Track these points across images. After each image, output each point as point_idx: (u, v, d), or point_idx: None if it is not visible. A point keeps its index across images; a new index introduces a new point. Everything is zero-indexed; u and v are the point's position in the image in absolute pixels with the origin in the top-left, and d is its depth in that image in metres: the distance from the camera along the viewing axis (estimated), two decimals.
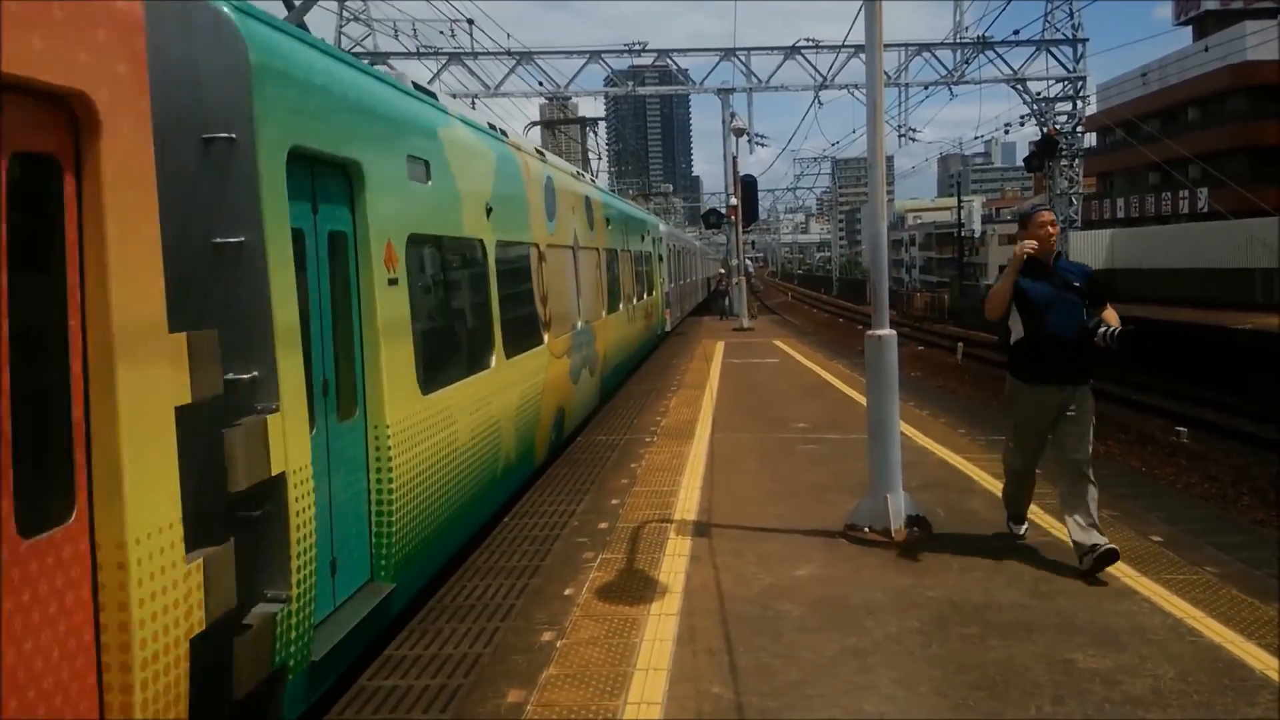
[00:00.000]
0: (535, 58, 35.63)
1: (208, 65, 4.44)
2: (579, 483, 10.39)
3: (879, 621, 6.20)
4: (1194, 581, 6.73)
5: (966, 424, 13.22)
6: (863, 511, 8.12)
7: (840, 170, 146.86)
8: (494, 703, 5.25)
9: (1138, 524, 8.13)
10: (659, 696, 5.23)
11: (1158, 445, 19.37)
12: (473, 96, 35.56)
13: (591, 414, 14.85)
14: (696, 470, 10.78)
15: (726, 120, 38.23)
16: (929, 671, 5.43)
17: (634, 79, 41.56)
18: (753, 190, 37.89)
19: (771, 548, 7.84)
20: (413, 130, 7.41)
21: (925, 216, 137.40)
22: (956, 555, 7.48)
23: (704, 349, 26.07)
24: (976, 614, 6.27)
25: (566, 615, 6.50)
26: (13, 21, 3.24)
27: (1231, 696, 5.03)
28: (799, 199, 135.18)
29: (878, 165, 8.21)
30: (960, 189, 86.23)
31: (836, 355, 23.93)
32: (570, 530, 8.55)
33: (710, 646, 5.89)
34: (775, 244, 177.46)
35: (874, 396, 8.22)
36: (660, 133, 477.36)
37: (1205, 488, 15.85)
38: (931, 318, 60.98)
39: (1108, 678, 5.29)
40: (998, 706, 5.00)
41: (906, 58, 36.62)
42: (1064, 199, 38.22)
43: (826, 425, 13.39)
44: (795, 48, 36.40)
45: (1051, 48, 35.90)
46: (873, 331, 8.21)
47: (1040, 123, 36.98)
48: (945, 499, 9.09)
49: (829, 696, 5.18)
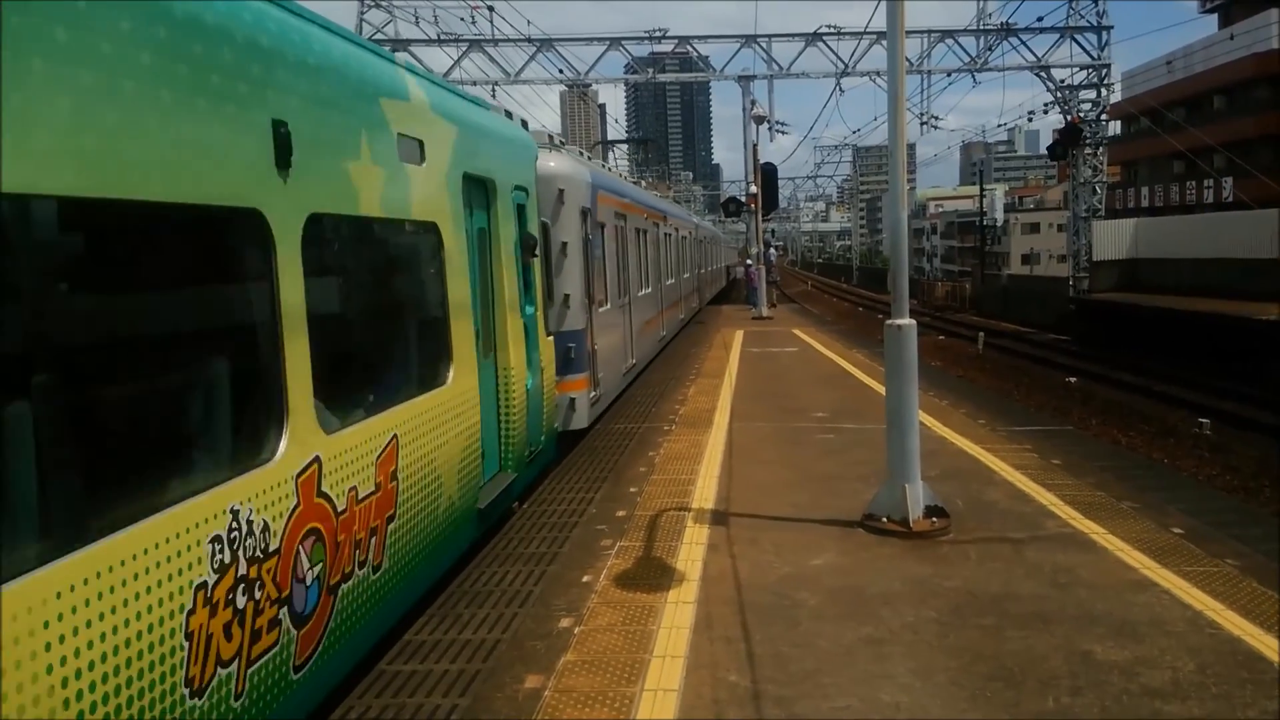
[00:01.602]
0: (555, 44, 35.57)
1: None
2: (598, 470, 10.42)
3: (896, 611, 6.20)
4: (1214, 574, 6.70)
5: (986, 414, 13.17)
6: (881, 501, 8.11)
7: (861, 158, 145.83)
8: (512, 688, 5.29)
9: (1159, 516, 8.09)
10: (676, 684, 5.25)
11: (1180, 437, 19.23)
12: (493, 83, 35.54)
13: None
14: (714, 459, 10.78)
15: (747, 107, 38.07)
16: (945, 661, 5.43)
17: (654, 66, 41.35)
18: (773, 178, 37.73)
19: (789, 537, 7.85)
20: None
21: (947, 205, 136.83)
22: (975, 546, 7.46)
23: (723, 337, 26.04)
24: (994, 604, 6.26)
25: (585, 602, 6.53)
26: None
27: (1250, 689, 5.01)
28: (819, 187, 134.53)
29: (899, 153, 8.17)
30: (982, 177, 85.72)
31: (856, 344, 23.86)
32: (589, 518, 8.59)
33: (727, 634, 5.91)
34: (795, 232, 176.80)
35: (893, 386, 8.20)
36: (680, 120, 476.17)
37: (1227, 480, 15.74)
38: (953, 307, 60.70)
39: (1126, 669, 5.28)
40: (1014, 697, 4.99)
41: (929, 44, 36.29)
42: (1088, 187, 37.82)
43: (845, 414, 13.37)
44: (817, 34, 36.08)
45: (1076, 35, 35.47)
46: (892, 321, 8.18)
47: (1064, 111, 36.56)
48: (964, 489, 9.06)
49: (845, 685, 5.19)
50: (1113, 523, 7.90)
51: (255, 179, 4.60)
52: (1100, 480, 9.31)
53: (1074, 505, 8.44)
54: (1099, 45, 35.97)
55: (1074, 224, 39.58)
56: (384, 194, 6.14)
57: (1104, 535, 7.59)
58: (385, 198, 6.17)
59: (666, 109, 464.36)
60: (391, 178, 6.27)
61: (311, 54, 5.25)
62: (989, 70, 36.24)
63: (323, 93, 5.34)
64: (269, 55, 4.76)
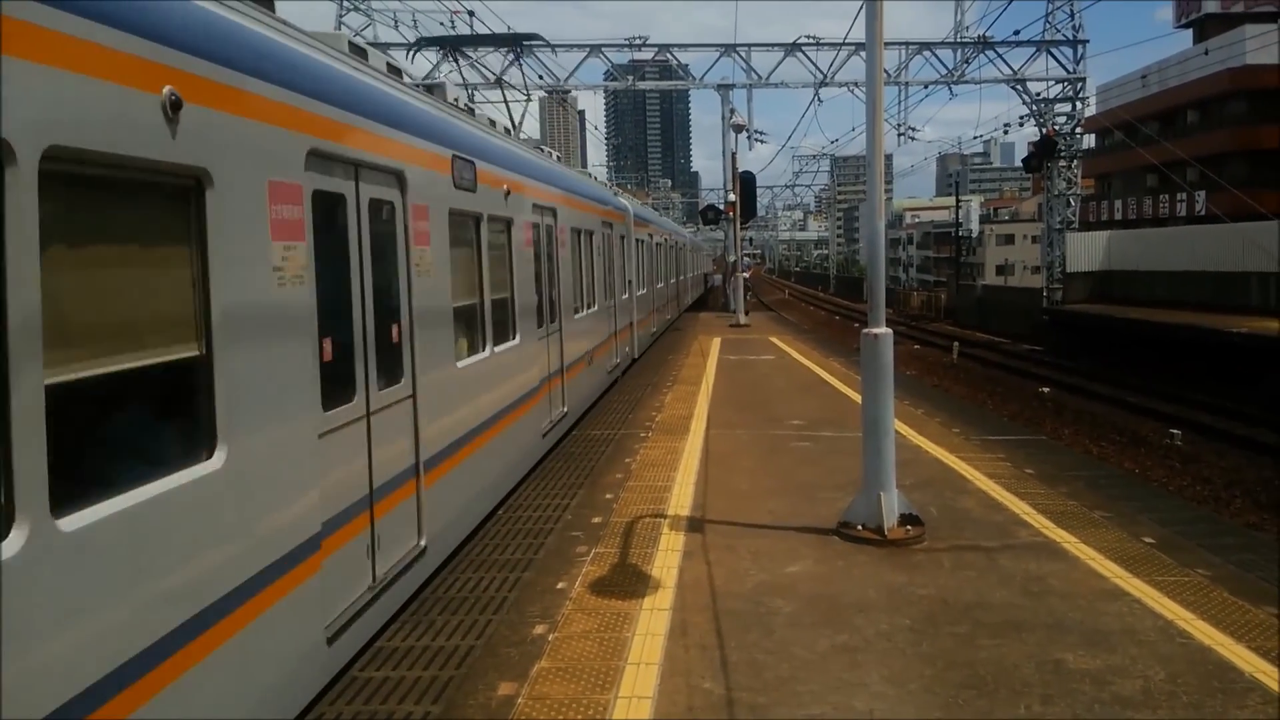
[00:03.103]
0: (535, 50, 35.55)
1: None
2: (573, 477, 10.40)
3: (870, 619, 6.21)
4: (1185, 583, 6.75)
5: (961, 423, 13.24)
6: (856, 509, 8.13)
7: (839, 168, 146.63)
8: (485, 695, 5.26)
9: (1130, 525, 8.15)
10: (650, 691, 5.24)
11: (1151, 447, 19.40)
12: (472, 87, 35.47)
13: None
14: (691, 466, 10.78)
15: (726, 116, 38.17)
16: (919, 669, 5.45)
17: (634, 73, 41.37)
18: (751, 187, 37.82)
19: (764, 544, 7.85)
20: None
21: (923, 215, 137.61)
22: (948, 554, 7.49)
23: (700, 345, 26.07)
24: (967, 613, 6.28)
25: (559, 609, 6.51)
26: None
27: (1221, 699, 5.05)
28: (797, 196, 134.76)
29: (876, 163, 8.21)
30: (958, 188, 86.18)
31: (832, 353, 23.94)
32: (564, 524, 8.56)
33: (702, 642, 5.91)
34: (773, 241, 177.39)
35: (869, 394, 8.23)
36: (660, 127, 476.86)
37: (1198, 490, 15.89)
38: (928, 317, 61.02)
39: (1097, 678, 5.31)
40: (987, 705, 5.01)
41: (907, 56, 36.54)
42: (1062, 200, 38.17)
43: (821, 422, 13.40)
44: (796, 44, 36.24)
45: (1052, 48, 35.81)
46: (869, 329, 8.21)
47: (1039, 123, 36.90)
48: (939, 498, 9.10)
49: (819, 693, 5.19)
50: (1084, 532, 7.95)
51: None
52: (1072, 489, 9.37)
53: (1046, 514, 8.49)
54: (1074, 59, 36.36)
55: (1048, 235, 39.93)
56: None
57: (1076, 544, 7.64)
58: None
59: (646, 116, 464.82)
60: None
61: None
62: (966, 82, 36.54)
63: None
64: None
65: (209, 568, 4.25)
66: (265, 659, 4.71)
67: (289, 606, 4.90)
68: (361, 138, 6.20)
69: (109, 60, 3.67)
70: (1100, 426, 21.75)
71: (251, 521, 4.63)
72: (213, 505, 4.31)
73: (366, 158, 6.27)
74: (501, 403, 9.60)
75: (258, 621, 4.58)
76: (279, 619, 4.80)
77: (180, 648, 3.97)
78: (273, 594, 4.73)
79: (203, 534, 4.24)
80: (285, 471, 5.00)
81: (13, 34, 3.15)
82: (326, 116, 5.63)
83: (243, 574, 4.48)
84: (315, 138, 5.43)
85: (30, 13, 3.26)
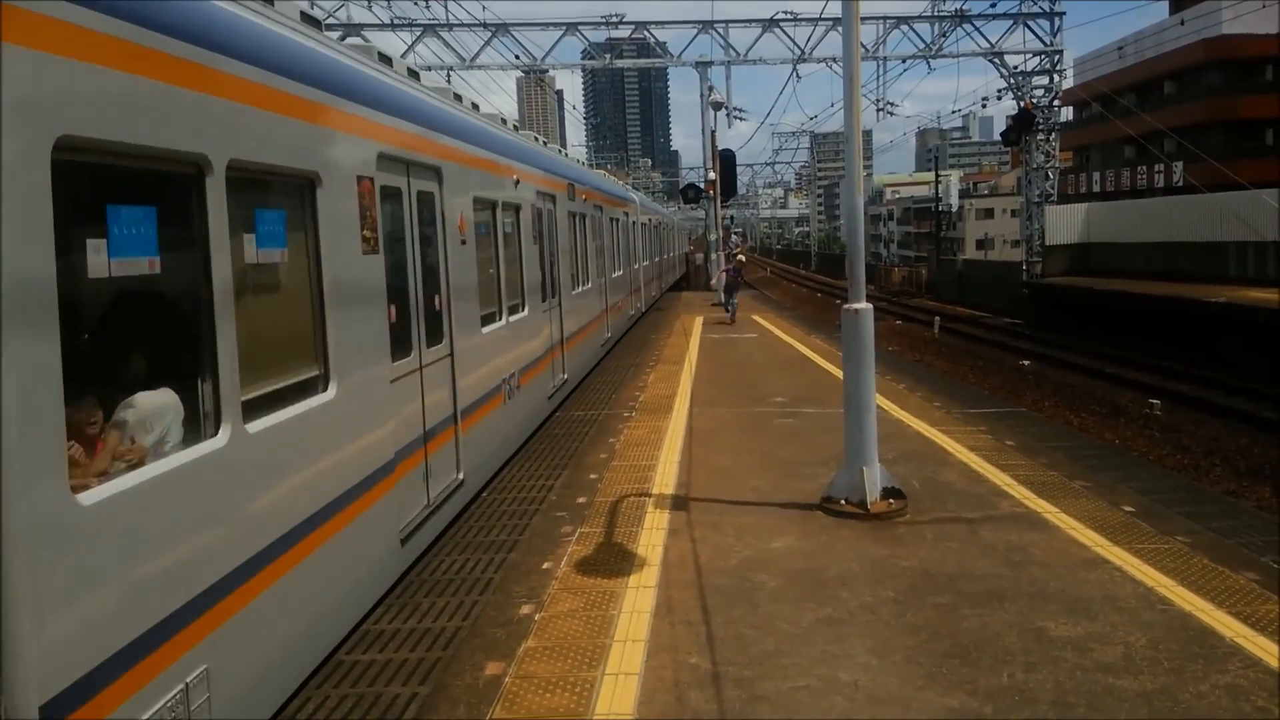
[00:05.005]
0: (511, 29, 35.32)
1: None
2: (557, 457, 10.41)
3: (854, 592, 6.25)
4: (1165, 551, 6.82)
5: (942, 398, 13.31)
6: (839, 484, 8.17)
7: (819, 144, 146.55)
8: (473, 675, 5.27)
9: (1110, 494, 8.22)
10: (637, 667, 5.27)
11: (1131, 417, 19.56)
12: (448, 69, 35.24)
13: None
14: (675, 445, 10.80)
15: (705, 93, 38.09)
16: (903, 640, 5.49)
17: (611, 52, 41.17)
18: (731, 165, 37.84)
19: (749, 520, 7.88)
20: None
21: (903, 191, 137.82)
22: (931, 526, 7.55)
23: (683, 324, 26.09)
24: (950, 584, 6.34)
25: (545, 588, 6.52)
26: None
27: (1202, 664, 5.11)
28: (778, 173, 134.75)
29: (855, 139, 8.21)
30: (938, 163, 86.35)
31: (814, 330, 24.00)
32: (549, 505, 8.57)
33: (688, 618, 5.93)
34: (754, 218, 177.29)
35: (850, 370, 8.25)
36: (639, 106, 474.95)
37: (1178, 459, 16.04)
38: (909, 292, 61.19)
39: (1079, 645, 5.36)
40: (970, 674, 5.06)
41: (884, 30, 36.55)
42: (1040, 173, 38.27)
43: (804, 399, 13.44)
44: (773, 20, 36.15)
45: (1029, 21, 35.87)
46: (849, 305, 8.23)
47: (1017, 97, 36.98)
48: (921, 471, 9.15)
49: (805, 665, 5.23)
50: (1065, 502, 8.02)
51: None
52: (1053, 460, 9.45)
53: (1027, 485, 8.56)
54: (1051, 31, 36.41)
55: (1027, 209, 40.07)
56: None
57: (1056, 514, 7.70)
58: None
59: (624, 95, 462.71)
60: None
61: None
62: (944, 56, 36.56)
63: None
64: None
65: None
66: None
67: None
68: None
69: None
70: (1080, 398, 21.90)
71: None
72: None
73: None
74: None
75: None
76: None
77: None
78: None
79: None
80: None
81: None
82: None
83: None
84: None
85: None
